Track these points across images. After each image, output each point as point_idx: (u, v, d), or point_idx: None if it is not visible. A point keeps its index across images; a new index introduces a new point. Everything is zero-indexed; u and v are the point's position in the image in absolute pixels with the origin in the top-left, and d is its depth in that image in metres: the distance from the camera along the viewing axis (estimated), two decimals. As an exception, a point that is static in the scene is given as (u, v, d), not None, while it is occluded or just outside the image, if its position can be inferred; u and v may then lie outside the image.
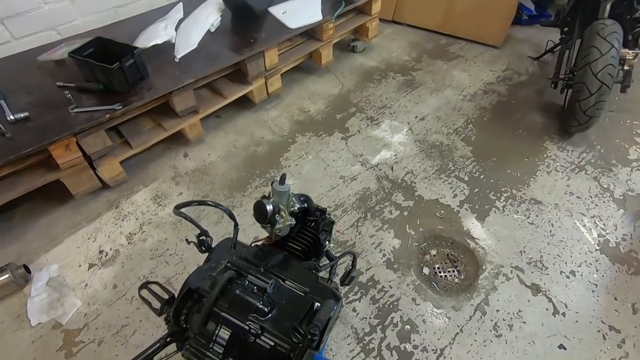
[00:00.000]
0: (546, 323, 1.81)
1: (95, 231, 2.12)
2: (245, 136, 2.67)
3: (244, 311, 0.93)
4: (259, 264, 1.09)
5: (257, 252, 1.16)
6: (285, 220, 1.12)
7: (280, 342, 0.91)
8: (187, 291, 0.99)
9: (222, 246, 1.17)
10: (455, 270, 2.04)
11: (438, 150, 2.62)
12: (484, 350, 1.73)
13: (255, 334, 0.91)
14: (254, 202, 1.15)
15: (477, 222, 2.22)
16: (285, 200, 1.15)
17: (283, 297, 1.00)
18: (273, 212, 1.11)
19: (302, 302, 1.00)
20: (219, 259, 1.09)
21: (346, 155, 2.56)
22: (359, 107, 2.93)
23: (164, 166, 2.46)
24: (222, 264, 1.07)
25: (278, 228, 1.13)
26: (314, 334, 0.84)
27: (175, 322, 1.02)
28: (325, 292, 1.06)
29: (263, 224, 1.13)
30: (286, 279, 1.06)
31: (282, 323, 0.93)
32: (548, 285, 1.95)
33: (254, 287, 0.99)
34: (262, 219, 1.12)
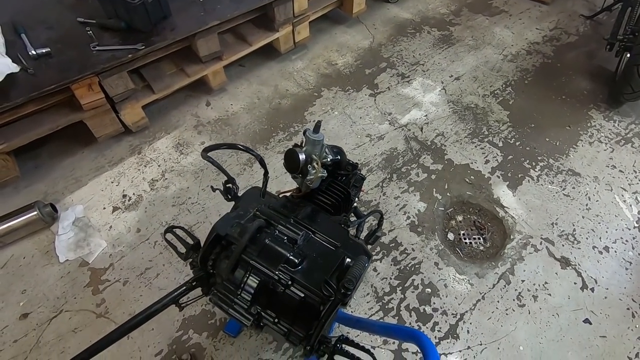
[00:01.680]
0: (573, 297, 1.76)
1: (118, 175, 2.11)
2: (269, 87, 2.56)
3: (274, 261, 0.90)
4: (288, 214, 1.05)
5: (285, 203, 1.11)
6: (318, 171, 1.05)
7: (311, 294, 0.87)
8: (215, 237, 0.96)
9: (249, 195, 1.12)
10: (481, 237, 1.97)
11: (472, 112, 2.46)
12: (505, 318, 1.70)
13: (285, 284, 0.88)
14: (284, 151, 1.08)
15: (509, 190, 2.11)
16: (318, 150, 1.07)
17: (313, 249, 0.96)
18: (305, 162, 1.04)
19: (333, 256, 0.96)
20: (247, 207, 1.05)
21: (374, 113, 2.44)
22: (390, 62, 2.74)
23: (186, 114, 2.39)
24: (250, 213, 1.02)
25: (310, 179, 1.07)
26: (348, 288, 0.80)
27: (202, 267, 1.00)
28: (356, 248, 1.02)
29: (294, 173, 1.07)
30: (316, 232, 1.01)
31: (313, 276, 0.90)
32: (579, 259, 1.87)
33: (284, 237, 0.95)
34: (293, 169, 1.05)
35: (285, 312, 0.91)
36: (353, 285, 0.80)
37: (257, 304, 0.91)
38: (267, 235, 0.93)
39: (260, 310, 0.92)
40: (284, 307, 0.90)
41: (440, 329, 1.66)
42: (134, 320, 0.97)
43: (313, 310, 0.88)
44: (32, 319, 1.66)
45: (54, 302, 1.70)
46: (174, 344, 1.61)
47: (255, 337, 1.64)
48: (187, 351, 1.59)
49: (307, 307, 0.88)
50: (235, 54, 2.34)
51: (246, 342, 1.63)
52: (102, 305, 1.70)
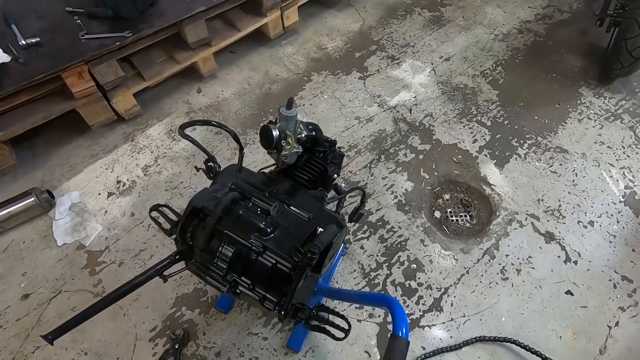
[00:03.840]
0: (556, 270, 1.80)
1: (112, 162, 2.17)
2: (260, 73, 2.58)
3: (247, 230, 0.94)
4: (265, 189, 1.09)
5: (263, 179, 1.15)
6: (292, 147, 1.09)
7: (282, 260, 0.92)
8: (192, 210, 1.01)
9: (228, 171, 1.16)
10: (468, 215, 2.01)
11: (461, 93, 2.47)
12: (489, 291, 1.75)
13: (257, 251, 0.93)
14: (262, 126, 1.12)
15: (496, 168, 2.13)
16: (292, 125, 1.11)
17: (286, 220, 1.00)
18: (279, 138, 1.08)
19: (305, 225, 1.01)
20: (225, 182, 1.09)
21: (363, 96, 2.45)
22: (380, 45, 2.75)
23: (178, 101, 2.43)
24: (226, 187, 1.07)
25: (284, 154, 1.11)
26: (314, 252, 0.84)
27: (182, 240, 1.05)
28: (329, 218, 1.06)
29: (269, 149, 1.11)
30: (291, 204, 1.05)
31: (285, 243, 0.94)
32: (563, 233, 1.90)
33: (257, 209, 0.99)
34: (267, 144, 1.09)
35: (259, 279, 0.96)
36: (319, 250, 0.85)
37: (232, 272, 0.96)
38: (241, 207, 0.98)
39: (236, 278, 0.97)
40: (258, 275, 0.95)
41: (425, 303, 1.71)
42: (120, 291, 1.03)
43: (284, 277, 0.93)
44: (33, 299, 1.74)
45: (53, 283, 1.77)
46: (167, 320, 1.68)
47: (245, 312, 1.70)
48: (180, 327, 1.66)
49: (279, 273, 0.93)
50: (224, 40, 2.36)
51: (237, 318, 1.69)
52: (99, 286, 1.77)
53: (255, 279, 0.96)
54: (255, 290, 0.96)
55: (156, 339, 1.64)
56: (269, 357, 1.60)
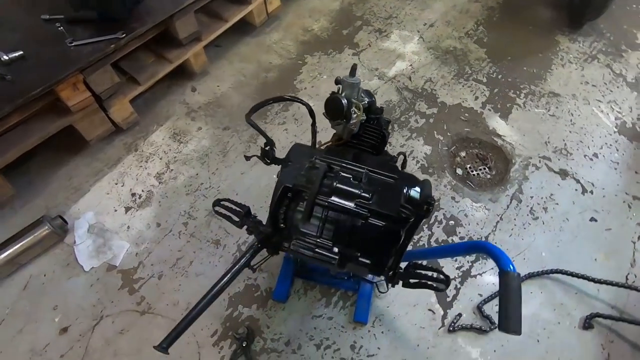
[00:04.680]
0: (577, 201, 1.94)
1: (120, 176, 2.03)
2: (252, 63, 2.51)
3: (347, 199, 0.94)
4: (340, 160, 1.08)
5: (332, 152, 1.14)
6: (360, 114, 1.09)
7: (390, 221, 0.93)
8: (282, 190, 0.98)
9: (296, 151, 1.14)
10: (486, 167, 2.10)
11: (452, 55, 2.56)
12: (524, 232, 1.86)
13: (365, 216, 0.92)
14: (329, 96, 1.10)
15: (501, 120, 2.25)
16: (356, 93, 1.10)
17: (376, 184, 1.00)
18: (348, 107, 1.07)
19: (395, 187, 1.01)
20: (300, 160, 1.07)
21: (361, 71, 2.47)
22: (365, 20, 2.76)
23: (174, 103, 2.31)
24: (305, 164, 1.04)
25: (353, 123, 1.10)
26: (431, 202, 0.85)
27: (272, 224, 1.02)
28: (410, 179, 1.08)
29: (338, 120, 1.10)
30: (372, 170, 1.05)
31: (386, 205, 0.95)
32: (575, 168, 2.05)
33: (349, 177, 0.99)
34: (337, 114, 1.08)
35: (366, 245, 0.95)
36: (434, 200, 0.86)
37: (340, 243, 0.95)
38: (333, 179, 0.96)
39: (341, 249, 0.96)
40: (364, 241, 0.94)
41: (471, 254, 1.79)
42: (214, 290, 0.98)
43: (394, 236, 0.93)
44: (73, 331, 1.61)
45: (91, 310, 1.65)
46: (226, 322, 1.63)
47: (304, 298, 1.69)
48: (241, 325, 1.62)
49: (389, 233, 0.93)
50: (212, 33, 2.26)
51: (296, 305, 1.68)
52: (143, 303, 1.67)
53: (361, 246, 0.96)
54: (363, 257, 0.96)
55: (220, 342, 1.59)
56: (339, 335, 1.60)
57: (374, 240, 0.95)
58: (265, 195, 1.96)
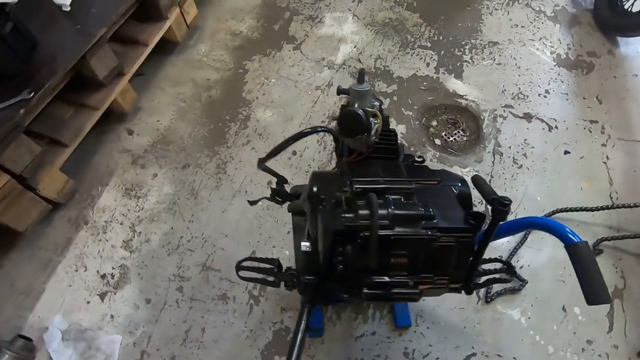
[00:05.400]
0: (548, 140, 2.05)
1: (78, 259, 1.68)
2: (188, 84, 2.21)
3: (413, 224, 0.82)
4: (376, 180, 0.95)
5: (358, 171, 1.00)
6: (380, 122, 0.96)
7: (462, 232, 0.83)
8: (334, 236, 0.82)
9: (318, 180, 0.97)
10: (460, 130, 2.12)
11: (391, 27, 2.50)
12: (515, 183, 1.91)
13: (437, 239, 0.81)
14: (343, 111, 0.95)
15: (457, 80, 2.27)
16: (369, 100, 0.97)
17: (426, 195, 0.90)
18: (367, 117, 0.93)
19: (445, 192, 0.92)
20: (331, 192, 0.91)
21: (308, 65, 2.31)
22: (292, 9, 2.57)
23: (112, 154, 1.95)
24: (341, 195, 0.90)
25: (375, 134, 0.97)
26: (506, 203, 0.78)
27: (327, 275, 0.86)
28: (449, 176, 1.00)
29: (359, 135, 0.95)
30: (411, 179, 0.94)
31: (449, 216, 0.85)
32: (535, 109, 2.15)
33: (399, 197, 0.86)
34: (358, 129, 0.93)
35: (441, 266, 0.85)
36: (508, 199, 0.79)
37: (416, 273, 0.84)
38: (385, 206, 0.83)
39: (417, 280, 0.85)
40: (443, 261, 0.84)
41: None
42: None
43: (469, 247, 0.85)
44: None
45: None
46: (268, 379, 1.45)
47: (339, 323, 1.57)
48: (287, 377, 1.45)
49: (463, 247, 0.84)
50: (134, 62, 1.92)
51: (334, 332, 1.55)
52: (165, 396, 1.42)
53: (436, 268, 0.85)
54: (439, 279, 0.86)
55: (270, 405, 1.41)
56: (388, 347, 1.52)
57: (448, 259, 0.85)
58: (257, 227, 1.76)
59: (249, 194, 1.84)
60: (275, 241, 1.73)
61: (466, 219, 0.84)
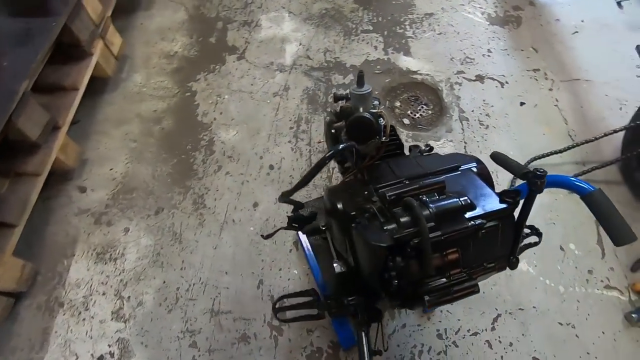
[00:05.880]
0: (503, 95, 2.15)
1: (63, 348, 1.45)
2: (133, 121, 1.99)
3: (457, 218, 0.79)
4: (395, 179, 0.91)
5: (378, 176, 0.95)
6: (387, 122, 0.92)
7: (503, 213, 0.82)
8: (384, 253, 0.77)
9: (337, 196, 0.91)
10: (423, 105, 2.15)
11: (329, 17, 2.46)
12: (488, 144, 1.99)
13: (482, 226, 0.80)
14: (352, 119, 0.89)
15: (407, 57, 2.30)
16: (370, 102, 0.92)
17: (453, 183, 0.88)
18: (376, 120, 0.88)
19: (467, 176, 0.91)
20: (360, 205, 0.86)
21: (258, 72, 2.20)
22: (224, 18, 2.42)
23: (69, 220, 1.71)
24: (371, 206, 0.84)
25: (385, 134, 0.93)
26: (541, 175, 0.78)
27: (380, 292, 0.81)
28: (462, 157, 0.99)
29: (372, 139, 0.90)
30: (433, 172, 0.92)
31: (484, 199, 0.84)
32: (484, 69, 2.25)
33: (433, 195, 0.83)
34: (370, 134, 0.88)
35: (489, 249, 0.84)
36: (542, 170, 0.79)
37: (470, 266, 0.82)
38: (424, 207, 0.79)
39: (471, 271, 0.83)
40: (492, 246, 0.83)
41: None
42: None
43: (511, 225, 0.84)
44: None
45: None
46: (317, 407, 1.38)
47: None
48: (334, 398, 1.40)
49: (506, 226, 0.83)
50: (68, 110, 1.68)
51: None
52: None
53: (484, 254, 0.84)
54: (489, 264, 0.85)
55: None
56: (421, 335, 1.52)
57: (494, 242, 0.84)
58: (257, 254, 1.65)
59: (237, 222, 1.72)
60: (280, 264, 1.64)
61: (502, 198, 0.83)
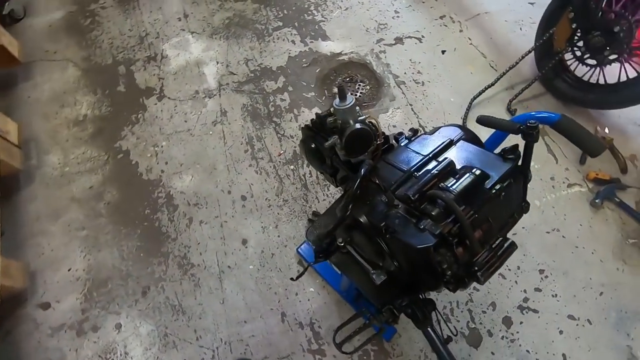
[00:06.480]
0: (424, 49, 2.25)
1: None
2: (71, 208, 1.74)
3: (480, 192, 0.81)
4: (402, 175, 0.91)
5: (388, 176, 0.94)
6: (377, 124, 0.91)
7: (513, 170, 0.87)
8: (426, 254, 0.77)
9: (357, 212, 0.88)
10: (360, 82, 2.17)
11: (235, 25, 2.33)
12: (428, 98, 2.06)
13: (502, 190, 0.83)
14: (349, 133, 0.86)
15: (327, 41, 2.28)
16: (356, 112, 0.90)
17: (457, 158, 0.91)
18: (370, 128, 0.87)
19: (463, 146, 0.96)
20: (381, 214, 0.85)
21: (186, 106, 2.03)
22: (123, 60, 2.17)
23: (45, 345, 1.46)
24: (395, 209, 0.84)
25: (378, 137, 0.91)
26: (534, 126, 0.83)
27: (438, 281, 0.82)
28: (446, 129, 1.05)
29: (371, 147, 0.88)
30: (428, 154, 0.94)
31: (490, 164, 0.88)
32: (399, 31, 2.32)
33: (449, 178, 0.84)
34: (369, 143, 0.87)
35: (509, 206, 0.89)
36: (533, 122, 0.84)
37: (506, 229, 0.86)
38: (449, 191, 0.81)
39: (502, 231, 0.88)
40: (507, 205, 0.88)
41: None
42: None
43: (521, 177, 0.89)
44: None
45: None
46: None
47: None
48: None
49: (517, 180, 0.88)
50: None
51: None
52: None
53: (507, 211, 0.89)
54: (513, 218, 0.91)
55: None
56: (451, 312, 1.59)
57: (512, 198, 0.89)
58: (267, 289, 1.58)
59: (233, 267, 1.62)
60: (294, 288, 1.58)
61: (505, 157, 0.87)
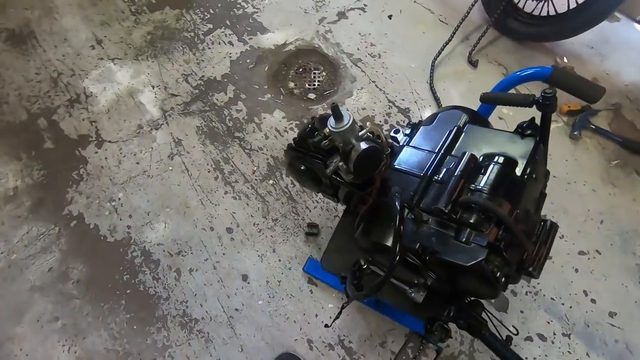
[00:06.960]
0: (370, 19, 2.13)
1: None
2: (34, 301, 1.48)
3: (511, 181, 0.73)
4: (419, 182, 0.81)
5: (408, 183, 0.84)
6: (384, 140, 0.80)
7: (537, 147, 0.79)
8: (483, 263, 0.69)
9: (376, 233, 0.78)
10: (315, 72, 2.01)
11: (159, 38, 2.06)
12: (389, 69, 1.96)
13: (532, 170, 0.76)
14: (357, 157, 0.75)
15: (266, 34, 2.10)
16: (357, 128, 0.78)
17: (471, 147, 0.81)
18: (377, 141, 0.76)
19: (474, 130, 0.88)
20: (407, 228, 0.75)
21: (133, 146, 1.78)
22: (42, 110, 1.85)
23: None
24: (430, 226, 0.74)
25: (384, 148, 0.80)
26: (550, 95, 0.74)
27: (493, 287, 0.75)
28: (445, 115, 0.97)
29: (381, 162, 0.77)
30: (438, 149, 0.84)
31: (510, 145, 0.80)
32: (339, 4, 2.17)
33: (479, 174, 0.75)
34: (380, 159, 0.76)
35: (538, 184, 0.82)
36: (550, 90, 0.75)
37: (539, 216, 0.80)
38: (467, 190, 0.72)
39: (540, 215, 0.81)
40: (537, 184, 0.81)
41: (392, 120, 1.83)
42: None
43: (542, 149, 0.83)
44: None
45: None
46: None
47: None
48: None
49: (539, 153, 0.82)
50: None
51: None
52: None
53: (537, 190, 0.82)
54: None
55: None
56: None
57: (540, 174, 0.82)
58: (284, 320, 1.46)
59: (241, 309, 1.47)
60: (313, 310, 1.47)
61: (523, 134, 0.79)
